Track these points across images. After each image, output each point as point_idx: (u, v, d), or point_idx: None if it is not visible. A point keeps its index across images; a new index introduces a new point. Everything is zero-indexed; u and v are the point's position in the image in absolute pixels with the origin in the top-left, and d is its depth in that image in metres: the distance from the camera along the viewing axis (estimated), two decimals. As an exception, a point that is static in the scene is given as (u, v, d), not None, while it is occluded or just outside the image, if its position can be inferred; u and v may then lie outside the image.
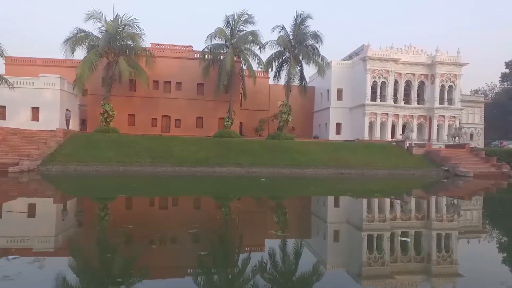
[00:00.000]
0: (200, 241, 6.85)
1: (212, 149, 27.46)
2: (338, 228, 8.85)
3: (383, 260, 5.80)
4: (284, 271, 5.31)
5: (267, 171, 25.04)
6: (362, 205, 12.53)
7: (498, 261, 6.08)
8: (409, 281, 5.08)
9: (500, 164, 28.71)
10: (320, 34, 31.74)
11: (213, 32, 30.69)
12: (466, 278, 5.05)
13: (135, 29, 29.61)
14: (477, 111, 46.65)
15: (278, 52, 32.14)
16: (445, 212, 11.52)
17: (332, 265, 5.71)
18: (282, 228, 8.24)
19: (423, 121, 39.63)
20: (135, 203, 12.08)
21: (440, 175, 27.13)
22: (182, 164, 24.61)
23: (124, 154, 25.02)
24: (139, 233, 7.32)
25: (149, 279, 4.81)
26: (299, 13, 31.75)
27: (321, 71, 31.06)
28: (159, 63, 35.70)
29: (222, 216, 9.74)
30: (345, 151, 29.84)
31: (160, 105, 36.15)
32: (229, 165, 25.24)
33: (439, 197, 15.85)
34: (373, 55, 36.86)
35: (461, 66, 38.91)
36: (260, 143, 29.93)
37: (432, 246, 6.99)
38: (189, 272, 5.24)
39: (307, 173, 25.38)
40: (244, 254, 6.15)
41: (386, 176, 25.68)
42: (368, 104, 36.99)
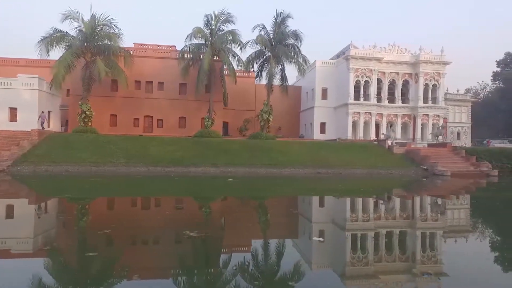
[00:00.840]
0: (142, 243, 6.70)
1: (190, 149, 27.31)
2: (278, 230, 8.69)
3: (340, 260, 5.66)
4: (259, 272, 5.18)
5: (243, 171, 24.90)
6: (311, 204, 12.40)
7: (482, 259, 6.00)
8: (393, 280, 5.03)
9: (479, 163, 28.66)
10: (300, 33, 31.67)
11: (192, 32, 30.48)
12: (450, 277, 5.00)
13: (112, 29, 29.37)
14: (464, 110, 46.57)
15: (258, 52, 32.04)
16: (416, 211, 11.41)
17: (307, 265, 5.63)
18: (201, 228, 8.08)
19: (408, 120, 39.52)
20: (70, 204, 11.89)
21: (418, 174, 27.05)
22: (156, 165, 24.44)
23: (99, 155, 24.86)
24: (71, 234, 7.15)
25: (129, 280, 4.75)
26: (279, 13, 31.59)
27: (301, 70, 30.95)
28: (141, 63, 35.58)
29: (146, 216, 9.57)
30: (325, 150, 29.72)
31: (142, 105, 35.97)
32: (205, 165, 25.08)
33: (409, 196, 15.71)
34: (356, 54, 36.74)
35: (445, 65, 38.82)
36: (240, 143, 29.79)
37: (404, 245, 6.84)
38: (164, 274, 5.16)
39: (284, 173, 25.24)
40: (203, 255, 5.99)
41: (363, 176, 25.57)
42: (351, 103, 36.87)
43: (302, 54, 31.90)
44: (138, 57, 35.32)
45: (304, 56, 31.93)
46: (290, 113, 47.27)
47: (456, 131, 46.12)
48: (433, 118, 38.84)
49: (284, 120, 47.23)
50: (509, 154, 32.88)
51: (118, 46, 29.27)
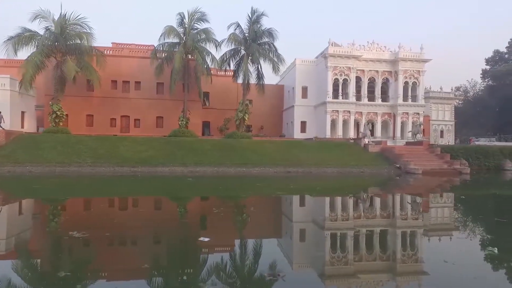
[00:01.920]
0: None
1: (160, 149, 27.08)
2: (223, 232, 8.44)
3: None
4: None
5: (211, 170, 24.70)
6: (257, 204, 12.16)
7: (462, 257, 5.86)
8: (373, 280, 4.93)
9: (452, 161, 28.46)
10: (274, 31, 31.48)
11: (164, 31, 30.23)
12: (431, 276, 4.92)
13: (84, 28, 29.10)
14: (448, 108, 46.36)
15: (233, 50, 31.78)
16: (373, 210, 11.18)
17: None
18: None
19: (388, 118, 39.32)
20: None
21: (391, 173, 26.87)
22: (123, 165, 24.20)
23: (65, 155, 24.61)
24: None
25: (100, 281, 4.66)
26: (253, 11, 31.35)
27: (275, 68, 30.75)
28: (117, 62, 35.40)
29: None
30: (299, 149, 29.52)
31: (119, 105, 35.76)
32: (173, 165, 24.86)
33: (364, 195, 15.43)
34: (334, 52, 36.52)
35: (424, 63, 38.63)
36: (212, 142, 29.56)
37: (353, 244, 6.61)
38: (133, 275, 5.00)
39: (253, 172, 25.03)
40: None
41: (334, 175, 25.38)
42: (329, 101, 36.66)
43: (277, 52, 31.65)
44: (113, 56, 35.16)
45: (279, 55, 31.72)
46: (273, 112, 47.08)
47: (440, 129, 45.94)
48: (413, 116, 38.64)
49: (267, 119, 47.06)
50: (485, 152, 32.73)
51: (89, 45, 28.97)
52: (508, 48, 71.57)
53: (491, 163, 32.52)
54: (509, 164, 32.25)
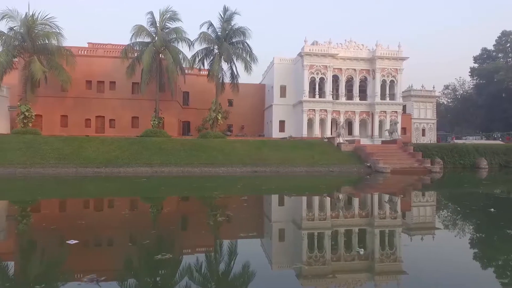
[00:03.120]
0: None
1: (127, 149, 26.86)
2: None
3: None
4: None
5: (176, 170, 24.55)
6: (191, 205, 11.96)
7: (440, 256, 5.85)
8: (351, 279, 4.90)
9: (423, 160, 28.26)
10: (247, 30, 31.26)
11: (134, 31, 29.99)
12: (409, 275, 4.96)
13: (53, 28, 28.87)
14: (429, 106, 46.14)
15: (205, 49, 31.55)
16: (323, 209, 11.00)
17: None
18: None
19: (366, 117, 39.10)
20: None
21: (361, 172, 26.69)
22: (87, 165, 24.01)
23: (28, 156, 24.39)
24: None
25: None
26: (225, 9, 31.12)
27: (247, 67, 30.50)
28: (91, 62, 35.20)
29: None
30: (270, 149, 29.31)
31: (93, 106, 35.51)
32: (138, 165, 24.68)
33: (320, 195, 15.21)
34: (310, 50, 36.28)
35: (402, 61, 38.41)
36: (183, 142, 29.33)
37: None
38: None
39: (219, 172, 24.86)
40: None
41: (301, 174, 25.19)
42: (305, 100, 36.44)
43: (251, 51, 31.44)
44: (87, 56, 34.96)
45: (252, 54, 31.49)
46: (254, 111, 46.88)
47: (421, 127, 45.72)
48: (391, 114, 38.43)
49: (248, 119, 46.87)
50: (460, 150, 32.53)
51: (58, 45, 28.73)
52: (496, 46, 71.35)
53: (466, 162, 32.35)
54: (483, 162, 32.08)
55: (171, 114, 36.75)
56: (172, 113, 36.84)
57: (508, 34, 69.33)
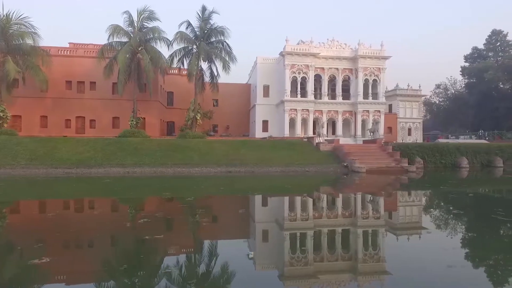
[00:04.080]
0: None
1: (102, 149, 26.65)
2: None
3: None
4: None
5: (149, 170, 24.36)
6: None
7: (424, 256, 5.90)
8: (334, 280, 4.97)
9: (401, 159, 28.10)
10: (226, 29, 31.07)
11: (110, 30, 29.74)
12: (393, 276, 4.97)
13: (28, 27, 28.64)
14: (415, 106, 45.96)
15: (183, 49, 31.34)
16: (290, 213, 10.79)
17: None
18: None
19: (349, 116, 38.93)
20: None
21: (337, 172, 26.53)
22: (58, 166, 23.81)
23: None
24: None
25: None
26: (204, 8, 30.92)
27: (225, 67, 30.30)
28: (72, 62, 35.00)
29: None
30: (248, 149, 29.12)
31: (73, 106, 35.30)
32: (110, 166, 24.48)
33: (289, 195, 15.04)
34: (291, 50, 36.10)
35: (385, 60, 38.23)
36: (160, 142, 29.10)
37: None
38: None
39: (193, 172, 24.68)
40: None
41: (276, 174, 24.99)
42: (287, 100, 36.25)
43: (228, 50, 31.24)
44: (67, 56, 34.75)
45: (230, 53, 31.28)
46: (240, 111, 46.69)
47: (407, 126, 45.54)
48: (373, 114, 38.25)
49: (234, 119, 46.67)
50: (441, 149, 32.34)
51: (33, 45, 28.51)
52: (486, 45, 71.19)
53: (447, 161, 32.18)
54: (464, 161, 31.92)
55: (152, 114, 36.56)
56: (153, 113, 36.64)
57: (498, 33, 69.19)
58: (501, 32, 68.55)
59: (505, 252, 6.19)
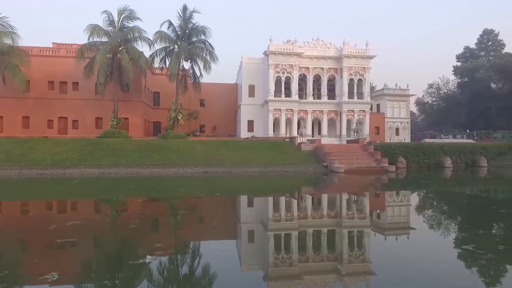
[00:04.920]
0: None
1: (79, 150, 26.43)
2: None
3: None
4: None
5: (125, 171, 24.17)
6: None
7: (407, 256, 5.96)
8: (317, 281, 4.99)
9: (381, 159, 27.90)
10: (207, 29, 30.91)
11: (89, 30, 29.52)
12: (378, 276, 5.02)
13: (6, 27, 28.44)
14: (403, 105, 45.77)
15: (164, 48, 31.14)
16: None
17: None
18: None
19: (334, 116, 38.73)
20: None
21: (316, 172, 26.35)
22: (33, 167, 23.59)
23: (-28, 158, 23.99)
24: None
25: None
26: (185, 7, 30.72)
27: (206, 67, 30.14)
28: (54, 63, 34.80)
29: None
30: (228, 149, 28.92)
31: (56, 106, 35.10)
32: (86, 167, 24.26)
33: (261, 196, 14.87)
34: (275, 49, 35.92)
35: (370, 59, 38.06)
36: (139, 143, 28.86)
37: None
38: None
39: (169, 173, 24.48)
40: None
41: (254, 174, 24.81)
42: (271, 100, 36.06)
43: (210, 50, 31.05)
44: (49, 57, 34.56)
45: (212, 53, 31.10)
46: (227, 111, 46.49)
47: (395, 126, 45.35)
48: (358, 113, 38.05)
49: (222, 119, 46.49)
50: (425, 149, 32.17)
51: (11, 45, 28.30)
52: (478, 45, 71.11)
53: (431, 161, 32.03)
54: (448, 161, 31.76)
55: (135, 114, 36.36)
56: (137, 113, 36.44)
57: (489, 32, 69.15)
58: (493, 32, 68.52)
59: (483, 249, 6.23)
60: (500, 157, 34.04)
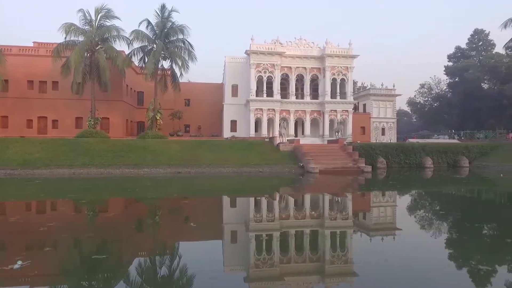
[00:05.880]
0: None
1: (53, 150, 26.16)
2: None
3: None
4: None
5: (96, 171, 23.97)
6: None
7: (388, 256, 6.02)
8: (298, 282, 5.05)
9: (358, 159, 27.68)
10: (186, 28, 30.64)
11: (64, 29, 29.21)
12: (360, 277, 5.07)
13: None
14: (389, 105, 45.53)
15: (141, 48, 30.87)
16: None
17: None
18: None
19: (317, 116, 38.48)
20: None
21: (292, 172, 26.22)
22: (2, 167, 23.36)
23: None
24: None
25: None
26: (163, 6, 30.49)
27: (183, 66, 29.86)
28: (33, 62, 34.52)
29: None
30: (205, 149, 28.67)
31: (35, 106, 34.81)
32: (57, 167, 24.03)
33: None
34: (256, 48, 35.65)
35: (352, 59, 37.82)
36: (115, 143, 28.56)
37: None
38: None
39: (141, 173, 24.30)
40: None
41: (229, 175, 24.63)
42: (252, 100, 35.83)
43: (188, 49, 30.80)
44: (28, 56, 34.33)
45: (190, 52, 30.85)
46: (213, 111, 46.23)
47: (381, 126, 45.12)
48: (341, 113, 37.81)
49: (206, 119, 46.25)
50: (406, 149, 32.00)
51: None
52: (468, 44, 70.91)
53: (411, 161, 31.86)
54: (429, 161, 31.60)
55: (117, 114, 36.10)
56: (118, 113, 36.18)
57: (480, 32, 68.97)
58: (483, 32, 68.31)
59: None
60: (482, 157, 33.89)
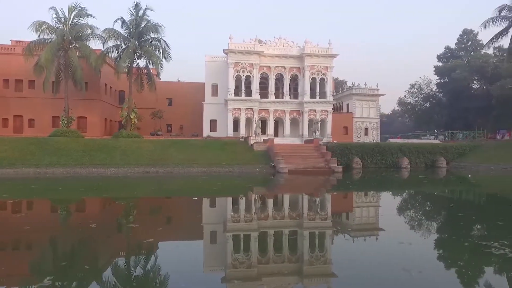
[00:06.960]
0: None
1: (21, 149, 25.96)
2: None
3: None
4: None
5: (62, 171, 23.82)
6: None
7: (369, 257, 6.08)
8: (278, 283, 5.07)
9: (330, 159, 27.49)
10: (160, 26, 30.42)
11: (34, 27, 28.91)
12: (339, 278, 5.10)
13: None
14: (372, 105, 45.33)
15: (115, 46, 30.62)
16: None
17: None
18: None
19: (297, 115, 38.28)
20: None
21: (263, 172, 26.07)
22: (-35, 167, 23.11)
23: None
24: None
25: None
26: (137, 4, 30.25)
27: (157, 65, 29.63)
28: (9, 60, 34.29)
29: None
30: (177, 149, 28.51)
31: (11, 105, 34.57)
32: (23, 166, 23.87)
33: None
34: (235, 47, 35.43)
35: (332, 58, 37.59)
36: (87, 142, 28.32)
37: None
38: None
39: (107, 173, 24.16)
40: None
41: (197, 175, 24.44)
42: (230, 99, 35.62)
43: (163, 48, 30.59)
44: (3, 54, 34.09)
45: (165, 51, 30.63)
46: (195, 110, 45.83)
47: (364, 126, 44.91)
48: (320, 113, 37.60)
49: (188, 118, 45.93)
50: (382, 150, 31.81)
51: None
52: (457, 45, 70.75)
53: (388, 161, 31.68)
54: (405, 162, 31.42)
55: (94, 113, 35.89)
56: (95, 112, 35.97)
57: (469, 32, 68.82)
58: (472, 32, 68.14)
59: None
60: (460, 157, 33.76)
